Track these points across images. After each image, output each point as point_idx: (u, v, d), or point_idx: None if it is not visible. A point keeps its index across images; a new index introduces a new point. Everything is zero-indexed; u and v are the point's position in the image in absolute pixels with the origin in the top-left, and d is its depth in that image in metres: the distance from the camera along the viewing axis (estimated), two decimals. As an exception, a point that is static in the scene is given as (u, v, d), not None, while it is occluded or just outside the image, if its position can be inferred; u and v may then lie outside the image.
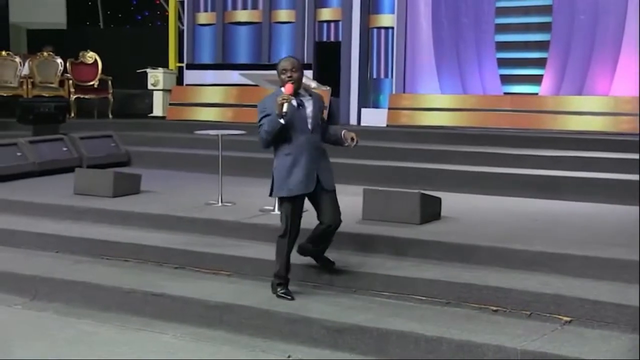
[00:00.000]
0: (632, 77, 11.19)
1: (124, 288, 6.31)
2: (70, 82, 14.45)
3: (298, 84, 5.78)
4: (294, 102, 5.73)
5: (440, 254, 6.27)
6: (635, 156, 9.21)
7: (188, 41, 14.62)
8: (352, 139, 5.95)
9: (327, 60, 13.21)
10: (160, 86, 14.41)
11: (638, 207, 7.61)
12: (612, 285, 5.50)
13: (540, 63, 11.96)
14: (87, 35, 17.74)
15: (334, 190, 5.90)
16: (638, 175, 8.46)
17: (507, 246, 6.17)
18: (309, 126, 5.81)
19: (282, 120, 5.63)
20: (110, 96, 14.61)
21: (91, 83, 14.63)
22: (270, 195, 6.00)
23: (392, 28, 12.82)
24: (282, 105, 5.60)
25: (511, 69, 12.22)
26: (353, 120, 12.91)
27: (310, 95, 5.92)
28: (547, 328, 5.16)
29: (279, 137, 5.77)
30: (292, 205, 5.81)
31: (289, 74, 5.75)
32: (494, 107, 11.85)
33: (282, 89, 5.77)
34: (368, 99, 13.08)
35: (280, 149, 5.85)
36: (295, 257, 6.08)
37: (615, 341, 4.89)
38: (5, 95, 14.19)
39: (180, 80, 14.83)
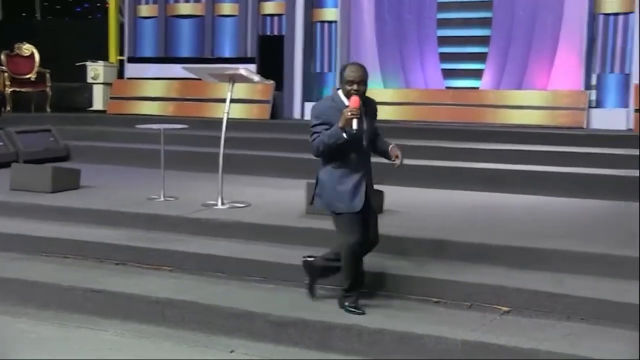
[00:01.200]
0: (569, 72, 11.41)
1: (63, 285, 6.20)
2: (6, 75, 14.13)
3: (364, 97, 5.32)
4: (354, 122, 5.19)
5: (383, 247, 6.28)
6: (573, 149, 9.41)
7: (129, 34, 14.45)
8: (397, 157, 5.53)
9: (271, 54, 13.17)
10: (100, 79, 14.22)
11: (575, 200, 7.78)
12: (549, 275, 5.60)
13: (481, 58, 12.11)
14: (23, 27, 17.36)
15: (369, 210, 5.50)
16: (578, 168, 8.64)
17: (448, 238, 6.23)
18: (364, 141, 5.40)
19: (345, 135, 5.18)
20: (48, 89, 14.33)
21: (28, 76, 14.32)
22: (311, 203, 5.70)
23: (336, 22, 12.85)
24: (351, 120, 5.15)
25: (453, 63, 12.34)
26: (297, 114, 12.91)
27: (370, 105, 5.44)
28: (486, 318, 5.24)
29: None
30: (354, 221, 5.40)
31: (355, 87, 5.26)
32: (436, 101, 11.96)
33: (344, 99, 5.33)
34: (312, 93, 13.07)
35: (331, 161, 5.43)
36: (244, 252, 6.06)
37: (551, 329, 4.99)
38: (-63, 88, 13.88)
39: (121, 74, 14.65)
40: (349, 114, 5.15)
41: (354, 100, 5.22)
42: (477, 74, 12.15)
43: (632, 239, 6.06)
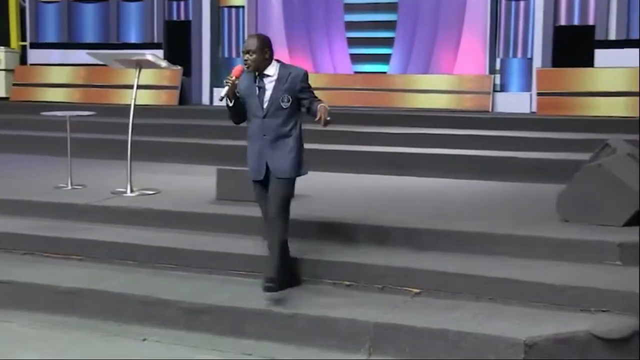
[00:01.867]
0: (473, 57, 11.66)
1: (-32, 277, 6.06)
2: None
3: (255, 65, 5.41)
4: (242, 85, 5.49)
5: (294, 232, 6.31)
6: (479, 132, 9.64)
7: (31, 19, 14.08)
8: (320, 118, 5.42)
9: (178, 40, 13.04)
10: (2, 66, 13.82)
11: (480, 182, 7.97)
12: (458, 257, 5.72)
13: (389, 42, 12.25)
14: None
15: (285, 179, 5.48)
16: (482, 151, 8.86)
17: (358, 222, 6.30)
18: (262, 111, 5.48)
19: (222, 102, 5.51)
20: (-54, 76, 13.88)
21: None
22: None
23: (243, 7, 12.79)
24: (231, 87, 5.44)
25: (361, 48, 12.45)
26: (205, 100, 12.84)
27: (284, 74, 5.50)
28: (398, 300, 5.34)
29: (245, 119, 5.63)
30: (254, 190, 5.64)
31: (244, 57, 5.45)
32: (345, 85, 12.06)
33: None
34: (220, 78, 12.96)
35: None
36: (155, 240, 6.00)
37: (461, 310, 5.11)
38: None
39: (24, 60, 14.27)
40: (224, 81, 5.45)
41: (234, 69, 5.49)
42: (384, 59, 12.29)
43: (536, 219, 6.26)
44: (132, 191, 7.49)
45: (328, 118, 5.41)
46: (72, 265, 6.33)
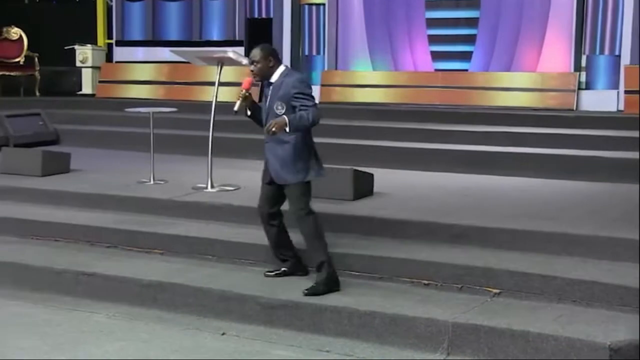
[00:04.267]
0: (558, 54, 11.43)
1: (55, 268, 6.22)
2: (-6, 59, 14.09)
3: (261, 74, 5.59)
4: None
5: (373, 230, 6.33)
6: (562, 131, 9.45)
7: (117, 17, 14.38)
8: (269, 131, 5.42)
9: (259, 37, 13.10)
10: (89, 63, 14.14)
11: (564, 181, 7.81)
12: (539, 257, 5.62)
13: (470, 40, 12.10)
14: (11, 11, 17.23)
15: (287, 185, 5.58)
16: (567, 150, 8.68)
17: (438, 220, 6.25)
18: (263, 120, 5.65)
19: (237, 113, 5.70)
20: (36, 73, 14.26)
21: (16, 60, 14.25)
22: None
23: (324, 4, 12.80)
24: (238, 100, 5.64)
25: (442, 45, 12.33)
26: (285, 97, 12.87)
27: (280, 82, 5.56)
28: (477, 300, 5.27)
29: None
30: (261, 189, 5.84)
31: (250, 68, 5.63)
32: (425, 83, 11.95)
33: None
34: (300, 75, 13.04)
35: None
36: (235, 235, 6.07)
37: (543, 311, 5.02)
38: None
39: (109, 57, 14.58)
40: (238, 95, 5.68)
41: (244, 82, 5.70)
42: (466, 56, 12.15)
43: (621, 221, 6.11)
44: (212, 187, 7.58)
45: (273, 129, 5.36)
46: (154, 259, 6.44)
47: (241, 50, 12.70)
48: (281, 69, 5.62)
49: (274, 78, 5.60)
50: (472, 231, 6.06)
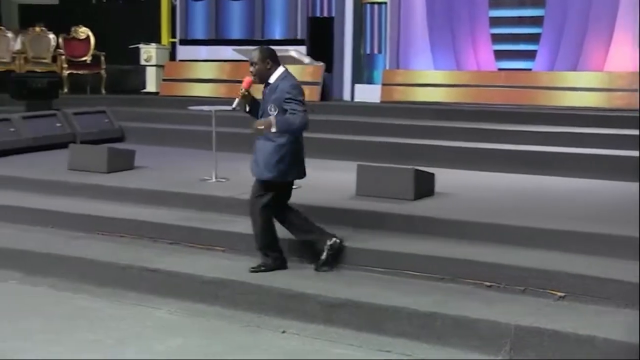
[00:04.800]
0: (627, 53, 11.20)
1: (119, 263, 6.32)
2: (63, 57, 14.36)
3: (259, 75, 5.89)
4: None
5: (434, 230, 6.29)
6: (628, 132, 9.25)
7: (181, 16, 14.55)
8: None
9: (321, 36, 13.17)
10: (153, 62, 14.35)
11: (631, 184, 7.65)
12: (606, 261, 5.52)
13: (535, 38, 11.96)
14: (79, 11, 17.58)
15: (258, 180, 5.97)
16: (633, 152, 8.49)
17: (500, 222, 6.19)
18: (259, 117, 5.98)
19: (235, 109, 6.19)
20: (103, 72, 14.53)
21: (84, 59, 14.55)
22: None
23: (386, 3, 12.78)
24: (237, 98, 6.06)
25: (505, 44, 12.20)
26: (347, 96, 12.90)
27: (275, 86, 5.86)
28: (541, 303, 5.20)
29: None
30: None
31: (250, 69, 5.93)
32: (487, 83, 11.85)
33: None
34: (362, 74, 13.06)
35: None
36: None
37: (610, 316, 4.92)
38: (-3, 70, 14.14)
39: (173, 56, 14.77)
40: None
41: (244, 81, 5.97)
42: (530, 55, 12.00)
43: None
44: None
45: (259, 127, 5.76)
46: (215, 256, 6.50)
47: (303, 49, 12.77)
48: (279, 71, 5.90)
49: (272, 79, 5.88)
50: (535, 233, 5.98)
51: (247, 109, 6.07)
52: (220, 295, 5.82)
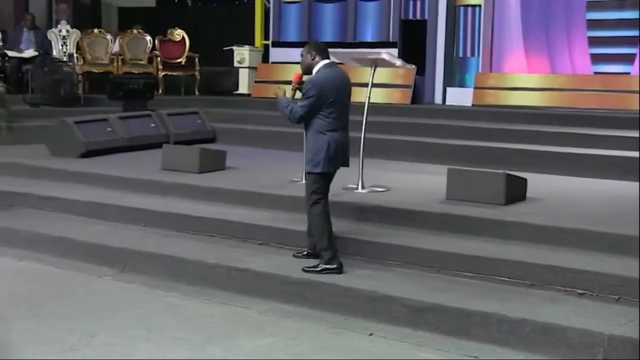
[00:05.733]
0: None
1: (209, 262, 6.43)
2: (159, 59, 14.66)
3: (304, 67, 6.20)
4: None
5: (525, 236, 6.19)
6: None
7: (274, 19, 14.68)
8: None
9: (413, 39, 13.10)
10: (246, 64, 14.51)
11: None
12: None
13: (633, 41, 11.62)
14: (175, 13, 17.99)
15: (310, 173, 6.09)
16: None
17: (593, 229, 6.05)
18: None
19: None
20: (197, 73, 14.78)
21: (179, 60, 14.83)
22: None
23: (480, 6, 12.62)
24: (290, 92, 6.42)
25: (602, 47, 11.90)
26: (438, 100, 12.80)
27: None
28: (635, 313, 5.05)
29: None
30: None
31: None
32: (583, 87, 11.58)
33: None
34: (454, 77, 12.93)
35: None
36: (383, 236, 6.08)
37: None
38: (96, 71, 14.51)
39: (265, 58, 14.92)
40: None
41: (293, 76, 6.43)
42: (628, 59, 11.67)
43: None
44: (363, 188, 7.62)
45: (274, 95, 6.38)
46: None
47: (395, 51, 12.71)
48: (320, 64, 6.07)
49: (314, 71, 6.08)
50: (629, 241, 5.82)
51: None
52: (308, 296, 5.85)
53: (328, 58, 6.12)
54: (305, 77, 6.25)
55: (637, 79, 11.33)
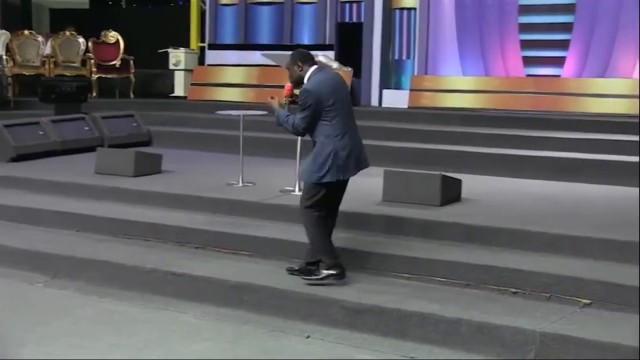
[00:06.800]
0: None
1: (145, 267, 6.35)
2: (92, 61, 14.49)
3: (293, 79, 5.96)
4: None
5: (461, 236, 6.27)
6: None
7: (210, 21, 14.60)
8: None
9: (349, 41, 13.15)
10: (181, 66, 14.42)
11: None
12: (632, 268, 5.46)
13: (564, 45, 11.86)
14: (109, 15, 17.76)
15: (305, 183, 5.87)
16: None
17: (527, 228, 6.15)
18: None
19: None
20: (132, 76, 14.64)
21: (113, 63, 14.67)
22: None
23: (415, 9, 12.74)
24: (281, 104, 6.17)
25: (534, 50, 12.12)
26: (374, 102, 12.88)
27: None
28: (566, 310, 5.16)
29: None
30: None
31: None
32: (516, 89, 11.78)
33: None
34: (389, 80, 13.03)
35: None
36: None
37: (636, 324, 4.85)
38: (27, 74, 14.27)
39: (201, 60, 14.83)
40: None
41: (285, 88, 6.20)
42: (559, 62, 11.91)
43: None
44: (299, 190, 7.60)
45: (268, 103, 6.14)
46: (241, 260, 6.51)
47: (331, 54, 12.76)
48: (310, 71, 5.83)
49: (305, 79, 5.84)
50: (561, 240, 5.94)
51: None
52: (245, 299, 5.83)
53: (315, 63, 5.89)
54: (296, 91, 6.05)
55: (568, 81, 11.58)
